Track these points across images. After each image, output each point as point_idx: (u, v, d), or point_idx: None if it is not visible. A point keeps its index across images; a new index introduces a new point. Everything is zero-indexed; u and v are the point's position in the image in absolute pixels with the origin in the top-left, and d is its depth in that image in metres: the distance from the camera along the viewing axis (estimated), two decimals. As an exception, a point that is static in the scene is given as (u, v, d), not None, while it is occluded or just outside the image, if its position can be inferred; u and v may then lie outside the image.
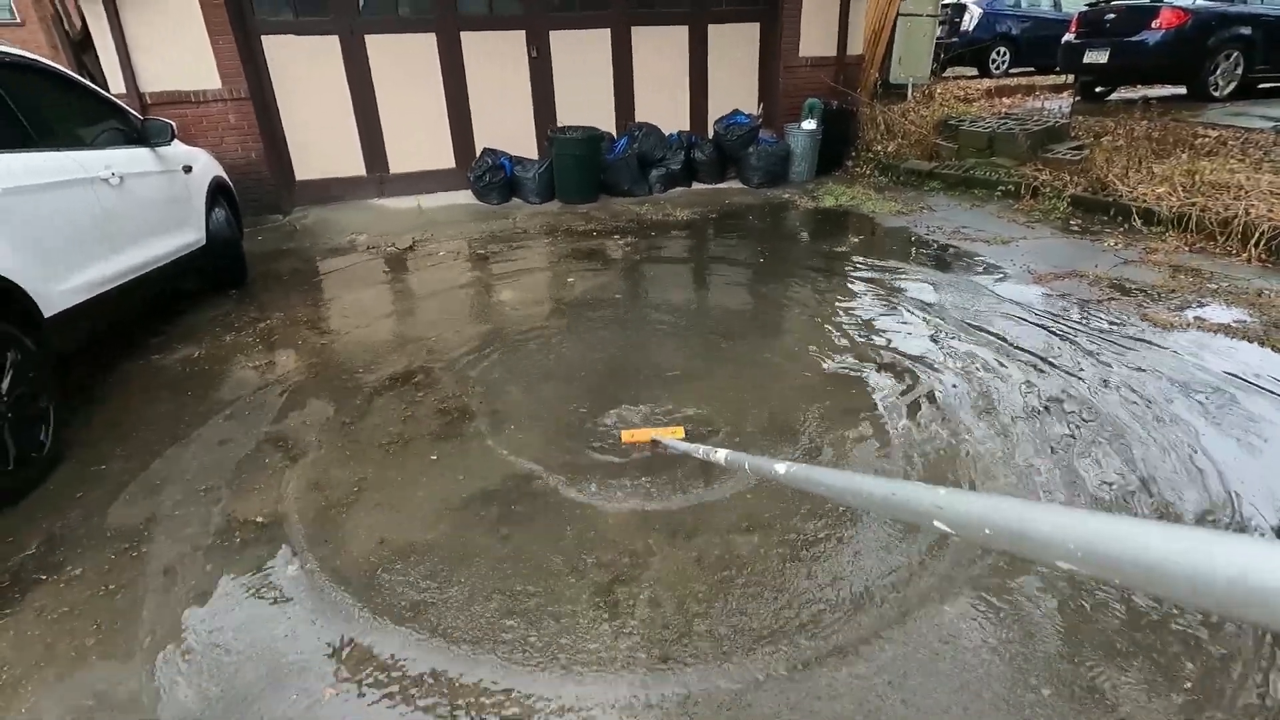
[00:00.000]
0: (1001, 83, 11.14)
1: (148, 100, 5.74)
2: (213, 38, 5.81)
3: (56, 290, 2.76)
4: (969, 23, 12.53)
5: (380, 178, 7.00)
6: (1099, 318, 3.54)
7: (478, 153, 6.97)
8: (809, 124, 7.15)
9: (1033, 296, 3.89)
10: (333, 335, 3.83)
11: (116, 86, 5.61)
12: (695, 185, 7.34)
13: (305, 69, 6.39)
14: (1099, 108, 8.62)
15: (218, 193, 4.56)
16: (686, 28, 7.49)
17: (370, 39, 6.51)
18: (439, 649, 1.75)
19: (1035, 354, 3.18)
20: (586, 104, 7.29)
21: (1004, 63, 12.74)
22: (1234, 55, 8.36)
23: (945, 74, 11.74)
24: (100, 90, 3.76)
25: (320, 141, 6.67)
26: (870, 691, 1.59)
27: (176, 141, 4.10)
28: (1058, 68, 10.04)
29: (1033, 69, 12.70)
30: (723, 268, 4.93)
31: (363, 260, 5.22)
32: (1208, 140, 6.07)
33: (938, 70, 10.44)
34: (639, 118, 7.46)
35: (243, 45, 5.99)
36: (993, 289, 4.04)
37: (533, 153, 7.20)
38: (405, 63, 6.66)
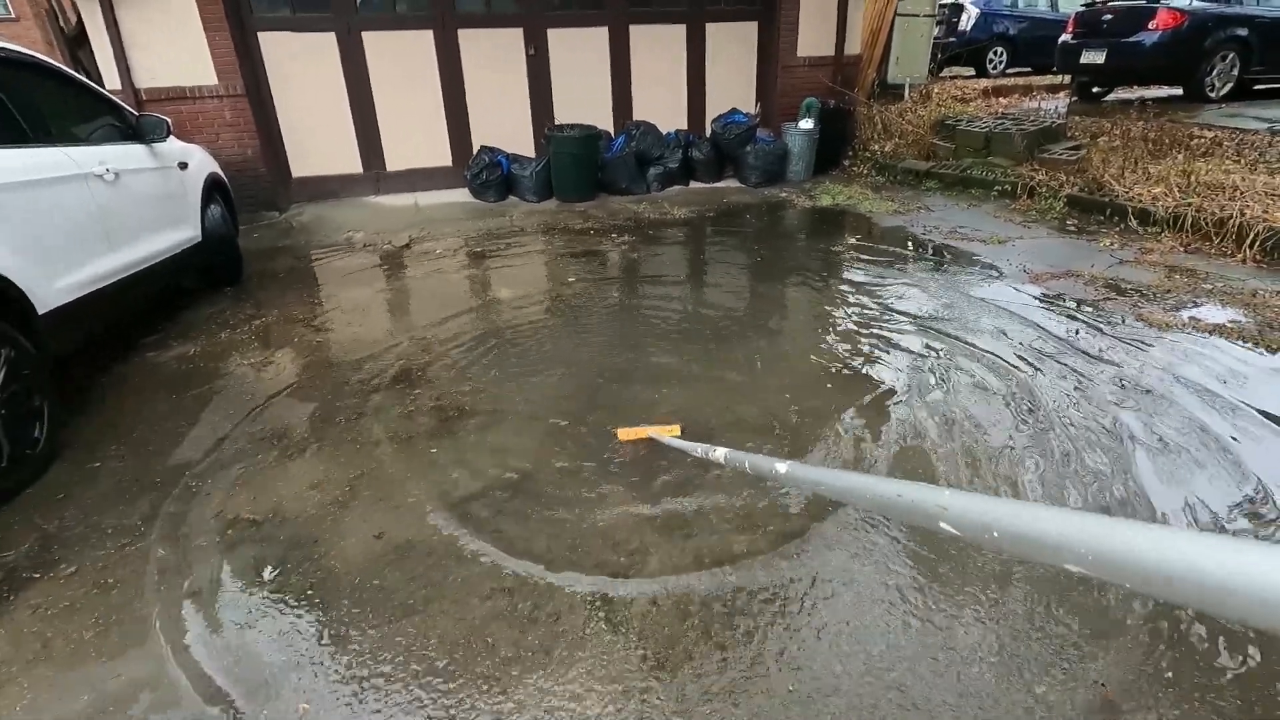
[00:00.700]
0: (998, 83, 11.16)
1: (143, 96, 5.71)
2: (209, 34, 5.78)
3: (51, 287, 2.74)
4: (966, 23, 12.55)
5: (377, 175, 6.97)
6: (1096, 317, 3.55)
7: (475, 151, 6.94)
8: (806, 123, 7.15)
9: (1029, 296, 3.90)
10: (328, 333, 3.81)
11: (111, 82, 5.58)
12: (693, 184, 7.33)
13: (302, 66, 6.36)
14: (1095, 108, 8.64)
15: (213, 189, 4.54)
16: (684, 26, 7.48)
17: (367, 36, 6.48)
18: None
19: (1033, 354, 3.18)
20: (584, 102, 7.28)
21: (1001, 63, 12.77)
22: (1230, 56, 8.38)
23: (942, 74, 11.76)
24: (95, 86, 3.74)
25: (316, 139, 6.64)
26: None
27: (172, 138, 4.08)
28: (1054, 68, 10.06)
29: (1030, 69, 12.73)
30: (720, 266, 4.92)
31: (359, 258, 5.20)
32: (1203, 141, 6.09)
33: (935, 70, 10.46)
34: (637, 116, 7.45)
35: (239, 41, 5.96)
36: (989, 288, 4.05)
37: (530, 151, 7.18)
38: (402, 60, 6.64)
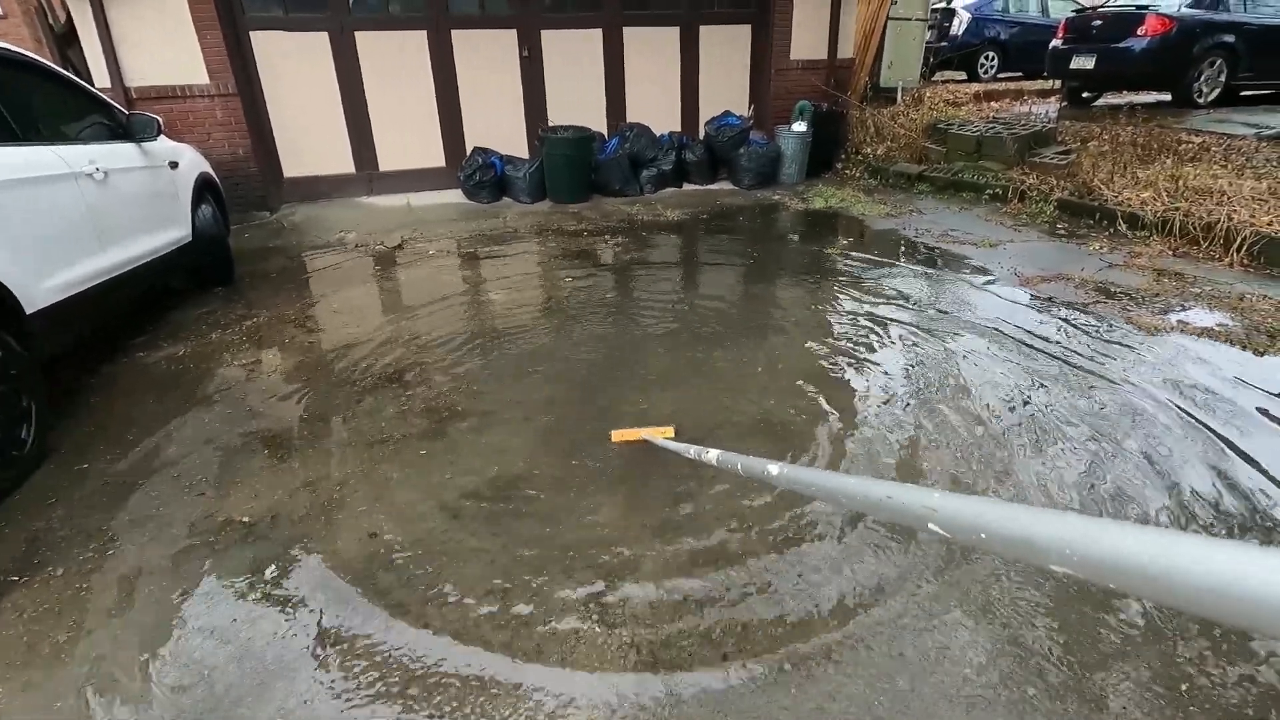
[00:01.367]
0: (990, 87, 11.25)
1: (133, 95, 5.67)
2: (200, 33, 5.75)
3: (39, 287, 2.72)
4: (958, 27, 12.63)
5: (369, 176, 6.95)
6: (1084, 321, 3.58)
7: (468, 151, 6.94)
8: (799, 126, 7.18)
9: (1020, 299, 3.92)
10: (320, 333, 3.80)
11: (101, 81, 5.54)
12: (686, 186, 7.35)
13: (294, 65, 6.34)
14: (1085, 113, 8.71)
15: (204, 189, 4.51)
16: (678, 29, 7.50)
17: (360, 36, 6.47)
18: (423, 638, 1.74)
19: (1030, 355, 3.21)
20: (578, 104, 7.28)
21: (992, 67, 12.86)
22: (1218, 63, 8.47)
23: (934, 78, 11.82)
24: (85, 85, 3.71)
25: (309, 139, 6.61)
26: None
27: (163, 137, 4.06)
28: (1045, 73, 10.15)
29: (1021, 74, 12.83)
30: (713, 269, 4.93)
31: (351, 258, 5.18)
32: (1191, 146, 6.15)
33: (927, 74, 10.51)
34: (630, 118, 7.46)
35: (231, 41, 5.93)
36: (980, 291, 4.07)
37: (523, 152, 7.17)
38: (396, 61, 6.62)
